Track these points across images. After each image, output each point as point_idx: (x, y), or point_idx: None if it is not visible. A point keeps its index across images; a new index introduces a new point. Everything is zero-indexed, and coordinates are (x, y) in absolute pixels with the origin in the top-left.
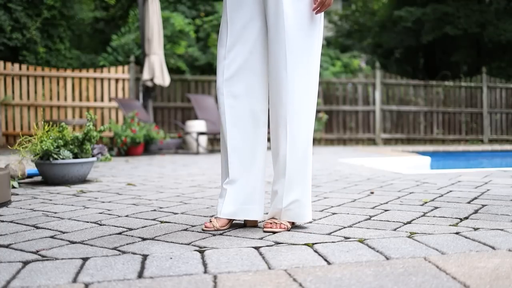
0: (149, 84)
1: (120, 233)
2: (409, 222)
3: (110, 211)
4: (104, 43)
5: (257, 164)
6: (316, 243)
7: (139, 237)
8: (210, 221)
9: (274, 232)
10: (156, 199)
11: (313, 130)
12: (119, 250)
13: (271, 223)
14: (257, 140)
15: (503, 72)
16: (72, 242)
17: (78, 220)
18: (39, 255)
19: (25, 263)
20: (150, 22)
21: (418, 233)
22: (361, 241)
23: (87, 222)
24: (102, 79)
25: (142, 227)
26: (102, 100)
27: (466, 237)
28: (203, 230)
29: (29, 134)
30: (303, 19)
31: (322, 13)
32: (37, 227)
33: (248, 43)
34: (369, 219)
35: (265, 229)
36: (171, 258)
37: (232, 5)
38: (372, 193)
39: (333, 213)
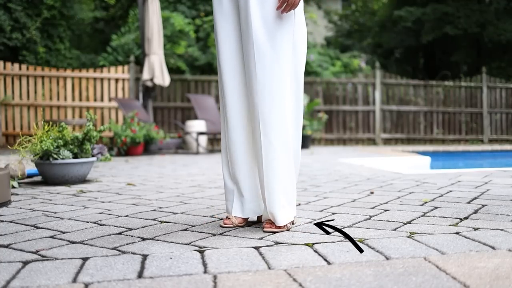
0: (149, 84)
1: (120, 233)
2: (409, 222)
3: (110, 211)
4: (104, 43)
5: (255, 163)
6: (316, 243)
7: (139, 237)
8: (229, 218)
9: (274, 232)
10: (156, 199)
11: (294, 133)
12: (119, 250)
13: (270, 223)
14: (252, 140)
15: (503, 72)
16: (72, 242)
17: (78, 220)
18: (39, 255)
19: (25, 263)
20: (150, 22)
21: (418, 233)
22: (361, 241)
23: (87, 222)
24: (102, 79)
25: (142, 227)
26: (102, 100)
27: (466, 237)
28: (221, 226)
29: (29, 134)
30: (269, 20)
31: (293, 12)
32: (37, 227)
33: (233, 46)
34: (369, 219)
35: (264, 229)
36: (171, 258)
37: (215, 10)
38: (372, 193)
39: (333, 213)
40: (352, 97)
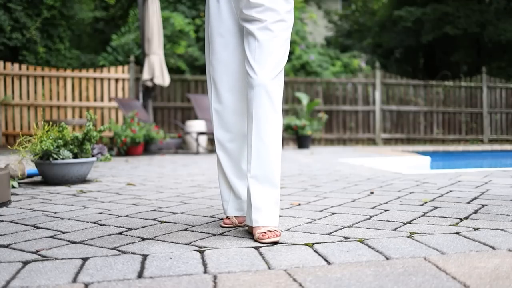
0: (149, 84)
1: (120, 233)
2: (409, 222)
3: (110, 211)
4: (104, 43)
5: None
6: (316, 243)
7: (139, 237)
8: (229, 218)
9: (274, 242)
10: (156, 199)
11: (278, 134)
12: (119, 250)
13: (265, 232)
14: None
15: (503, 72)
16: (72, 242)
17: (78, 220)
18: (39, 255)
19: (25, 263)
20: (150, 22)
21: (418, 233)
22: (361, 241)
23: (87, 222)
24: (102, 79)
25: (142, 227)
26: (102, 100)
27: (466, 237)
28: (221, 226)
29: (29, 134)
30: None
31: (289, 9)
32: (37, 227)
33: (227, 49)
34: (369, 219)
35: (263, 241)
36: (171, 258)
37: (212, 15)
38: (372, 193)
39: (333, 213)
40: (352, 97)
